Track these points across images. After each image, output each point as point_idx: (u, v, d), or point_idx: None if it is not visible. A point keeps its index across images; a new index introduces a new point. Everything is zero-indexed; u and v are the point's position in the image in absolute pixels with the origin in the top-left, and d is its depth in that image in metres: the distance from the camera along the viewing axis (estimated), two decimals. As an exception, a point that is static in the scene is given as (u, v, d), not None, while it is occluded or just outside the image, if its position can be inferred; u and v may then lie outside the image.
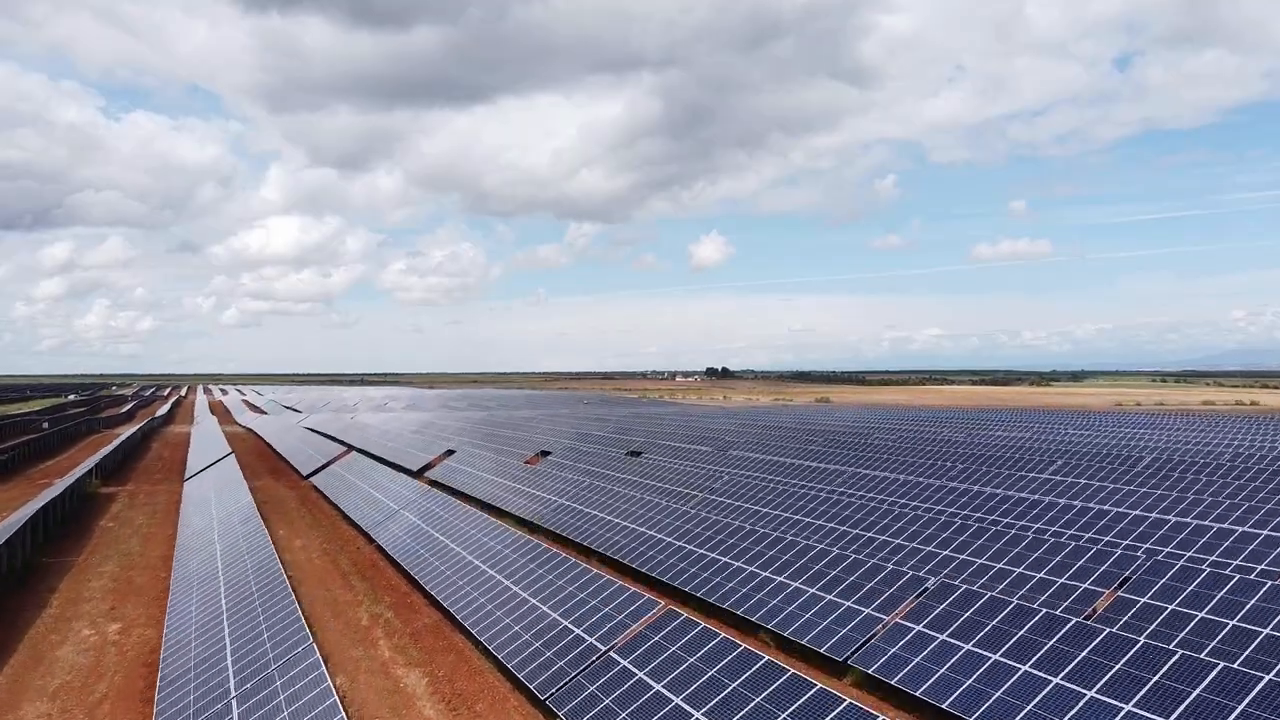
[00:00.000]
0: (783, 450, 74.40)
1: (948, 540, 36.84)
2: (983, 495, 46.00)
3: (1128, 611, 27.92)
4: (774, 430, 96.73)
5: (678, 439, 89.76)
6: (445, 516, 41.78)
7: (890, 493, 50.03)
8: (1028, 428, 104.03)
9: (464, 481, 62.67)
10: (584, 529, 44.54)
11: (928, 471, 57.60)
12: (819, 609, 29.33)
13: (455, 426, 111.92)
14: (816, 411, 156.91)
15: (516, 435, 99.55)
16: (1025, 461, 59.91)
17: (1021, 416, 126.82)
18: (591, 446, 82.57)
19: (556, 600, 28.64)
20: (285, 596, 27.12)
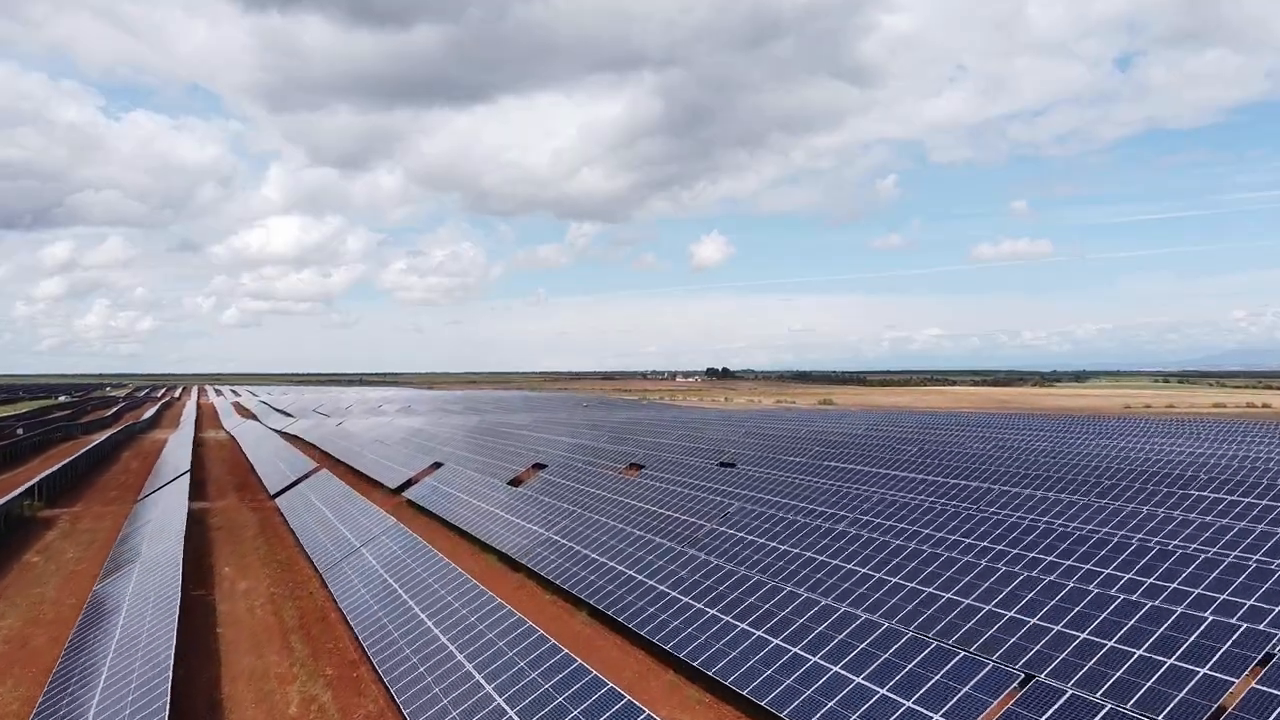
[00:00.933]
0: (798, 467, 67.31)
1: (1039, 607, 29.67)
2: (1085, 537, 38.81)
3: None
4: (783, 442, 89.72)
5: (680, 450, 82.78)
6: (413, 566, 34.69)
7: (936, 524, 42.84)
8: (1051, 436, 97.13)
9: (446, 505, 55.63)
10: (575, 573, 37.49)
11: (968, 496, 50.70)
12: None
13: (445, 434, 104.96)
14: (823, 416, 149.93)
15: (510, 445, 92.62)
16: (1110, 486, 51.26)
17: (1041, 424, 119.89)
18: (588, 459, 75.69)
19: (543, 717, 21.33)
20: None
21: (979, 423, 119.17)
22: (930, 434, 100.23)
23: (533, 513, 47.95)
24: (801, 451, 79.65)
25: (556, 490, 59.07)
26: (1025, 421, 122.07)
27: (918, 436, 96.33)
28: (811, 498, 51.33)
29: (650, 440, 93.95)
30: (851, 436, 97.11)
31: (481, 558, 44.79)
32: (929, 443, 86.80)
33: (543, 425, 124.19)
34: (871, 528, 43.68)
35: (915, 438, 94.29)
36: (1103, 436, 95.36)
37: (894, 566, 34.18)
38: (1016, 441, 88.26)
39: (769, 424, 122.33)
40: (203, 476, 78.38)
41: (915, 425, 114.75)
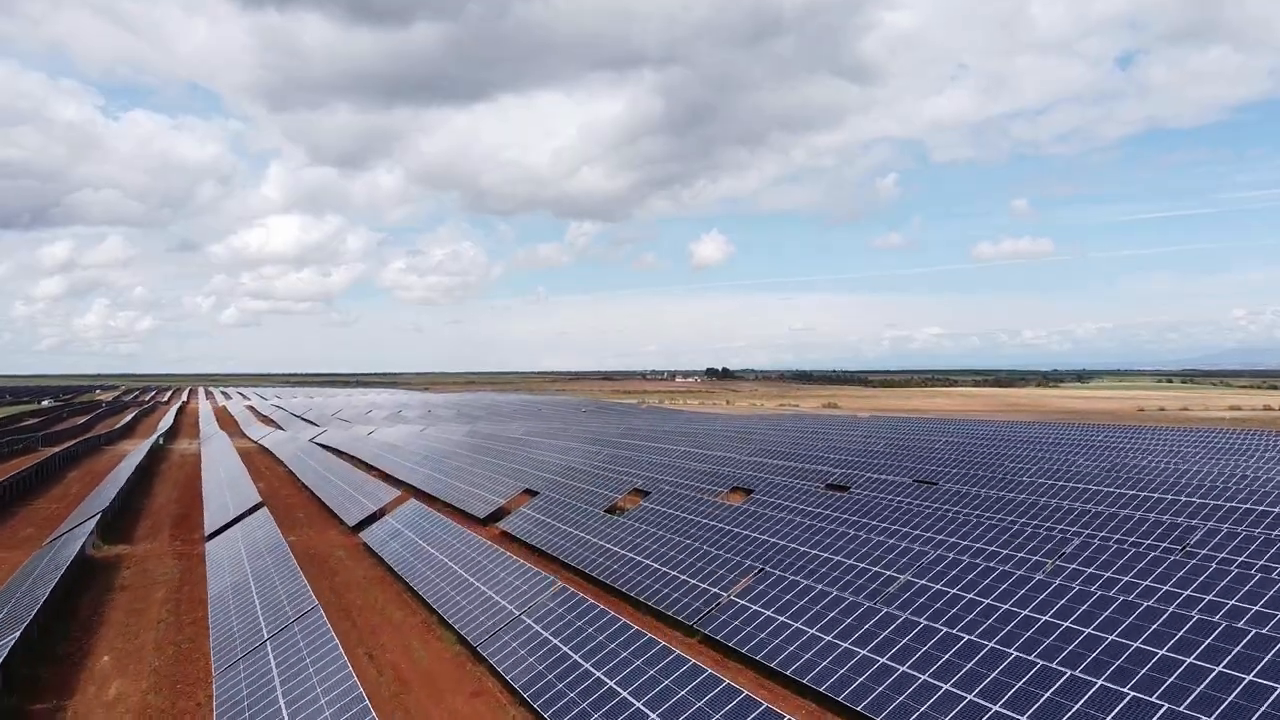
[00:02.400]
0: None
1: None
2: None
3: None
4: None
5: (683, 471, 72.79)
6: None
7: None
8: (1085, 450, 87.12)
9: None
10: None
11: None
12: None
13: (421, 451, 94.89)
14: (833, 423, 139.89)
15: (497, 462, 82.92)
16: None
17: (1072, 434, 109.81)
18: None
19: None
20: None
21: (1041, 437, 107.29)
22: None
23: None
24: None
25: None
26: (1046, 432, 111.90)
27: (1005, 451, 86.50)
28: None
29: (651, 458, 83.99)
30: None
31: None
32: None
33: (537, 436, 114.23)
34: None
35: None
36: (1148, 454, 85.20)
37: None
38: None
39: (777, 436, 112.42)
40: (144, 504, 68.45)
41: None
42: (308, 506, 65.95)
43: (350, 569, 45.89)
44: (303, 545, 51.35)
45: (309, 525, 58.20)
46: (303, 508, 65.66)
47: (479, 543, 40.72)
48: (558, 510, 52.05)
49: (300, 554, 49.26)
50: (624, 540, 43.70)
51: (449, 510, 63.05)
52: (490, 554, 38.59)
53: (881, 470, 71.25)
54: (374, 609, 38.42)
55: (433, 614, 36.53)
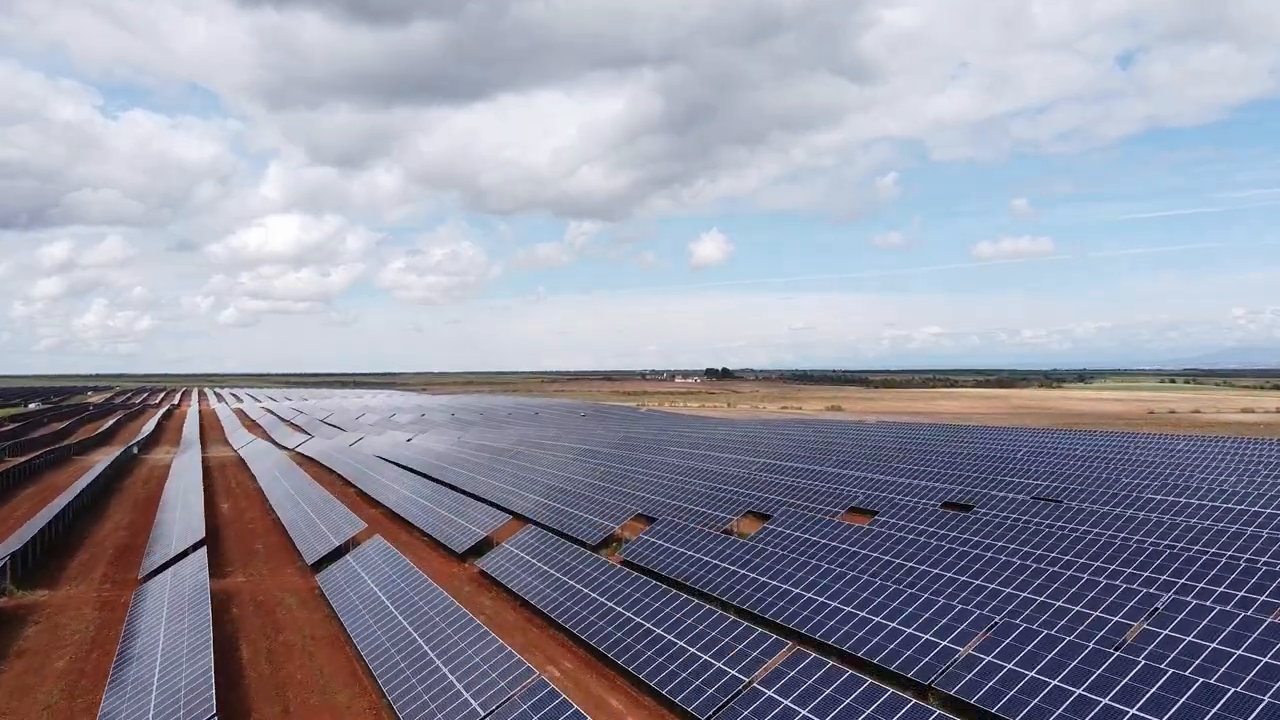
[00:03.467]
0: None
1: None
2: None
3: None
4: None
5: (688, 495, 65.54)
6: None
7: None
8: (1146, 472, 79.72)
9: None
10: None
11: None
12: None
13: (409, 463, 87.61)
14: (846, 431, 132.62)
15: (486, 480, 75.87)
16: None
17: (1110, 446, 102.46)
18: (571, 512, 58.56)
19: None
20: None
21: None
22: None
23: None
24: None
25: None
26: (1083, 442, 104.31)
27: (1096, 463, 79.92)
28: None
29: (651, 475, 76.76)
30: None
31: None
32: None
33: (528, 449, 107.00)
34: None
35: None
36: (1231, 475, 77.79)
37: None
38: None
39: (786, 447, 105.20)
40: (89, 532, 61.22)
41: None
42: (269, 535, 58.69)
43: (299, 623, 38.63)
44: (251, 590, 44.10)
45: (265, 560, 50.96)
46: (263, 537, 58.37)
47: (444, 603, 33.37)
48: (547, 549, 44.81)
49: (246, 601, 42.06)
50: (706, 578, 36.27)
51: (426, 543, 55.82)
52: (456, 620, 31.29)
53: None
54: (314, 685, 31.17)
55: (384, 698, 29.30)
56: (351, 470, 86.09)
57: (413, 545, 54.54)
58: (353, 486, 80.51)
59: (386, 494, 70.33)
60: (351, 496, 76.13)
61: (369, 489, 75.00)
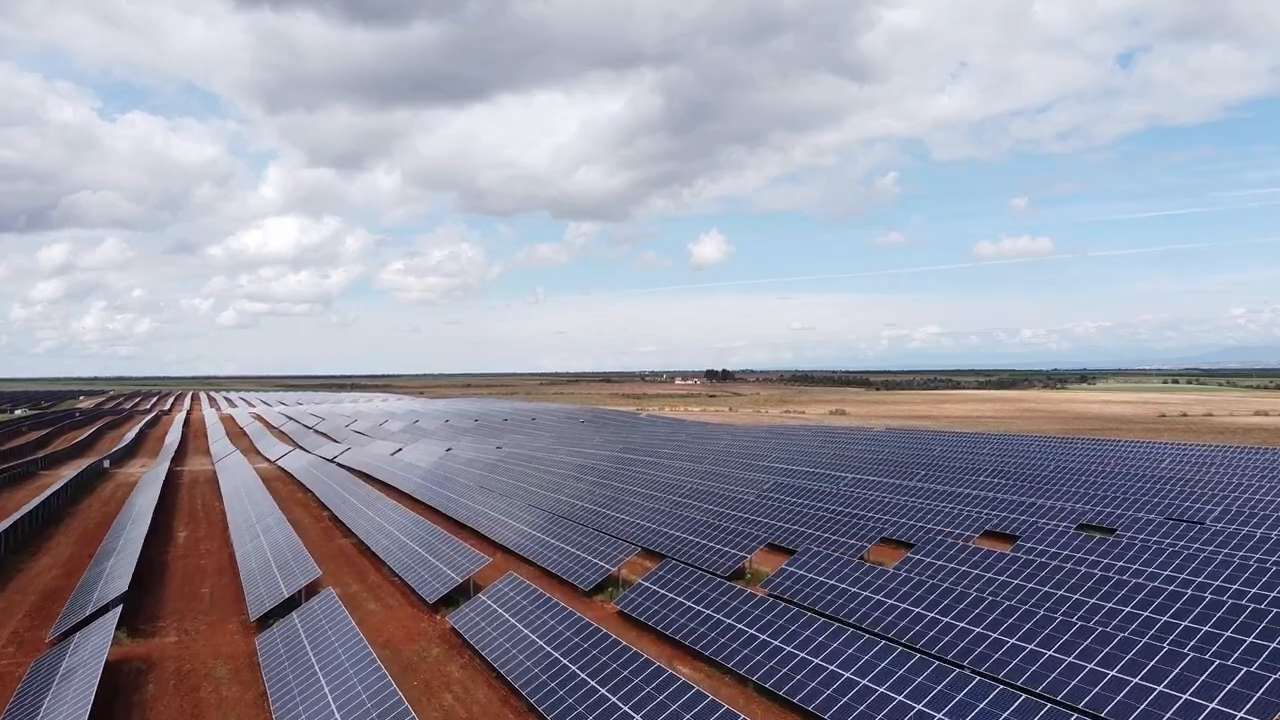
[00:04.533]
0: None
1: None
2: None
3: None
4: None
5: (695, 527, 58.38)
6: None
7: None
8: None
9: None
10: None
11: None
12: None
13: (368, 495, 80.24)
14: (854, 438, 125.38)
15: (469, 502, 68.83)
16: None
17: (1164, 459, 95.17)
18: (563, 547, 51.30)
19: None
20: None
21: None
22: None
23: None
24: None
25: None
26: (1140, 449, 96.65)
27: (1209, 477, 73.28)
28: None
29: (649, 500, 69.65)
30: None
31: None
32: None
33: (518, 464, 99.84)
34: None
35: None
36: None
37: None
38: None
39: (808, 471, 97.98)
40: (18, 569, 54.00)
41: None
42: (221, 576, 51.36)
43: (225, 705, 31.44)
44: (178, 656, 36.78)
45: (208, 612, 43.60)
46: (214, 578, 51.05)
47: (388, 695, 26.15)
48: (529, 605, 37.53)
49: (168, 674, 34.88)
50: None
51: (396, 586, 48.61)
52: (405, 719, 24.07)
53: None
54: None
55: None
56: (327, 491, 78.86)
57: (379, 590, 47.34)
58: (326, 510, 73.34)
59: (359, 521, 63.12)
60: (324, 522, 68.99)
61: (344, 514, 67.76)
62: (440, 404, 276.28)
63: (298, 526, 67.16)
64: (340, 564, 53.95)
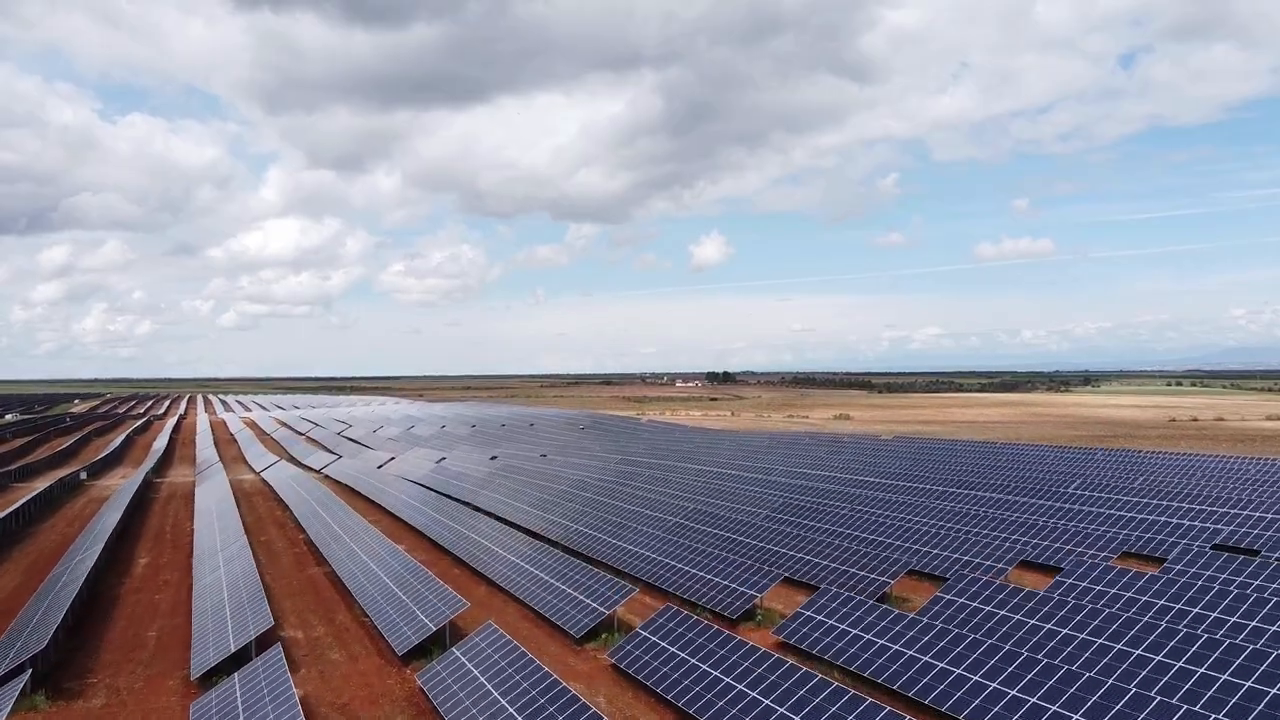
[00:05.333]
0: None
1: None
2: None
3: None
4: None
5: (699, 555, 53.08)
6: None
7: None
8: None
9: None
10: None
11: None
12: None
13: (355, 527, 74.98)
14: (875, 453, 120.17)
15: (450, 524, 63.51)
16: None
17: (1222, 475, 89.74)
18: (552, 583, 46.02)
19: None
20: None
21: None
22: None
23: None
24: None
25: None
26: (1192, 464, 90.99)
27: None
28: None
29: (652, 527, 64.43)
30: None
31: None
32: None
33: (506, 476, 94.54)
34: None
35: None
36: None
37: None
38: None
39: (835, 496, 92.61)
40: None
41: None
42: (173, 615, 45.94)
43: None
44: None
45: (147, 665, 37.94)
46: (165, 618, 45.60)
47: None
48: (505, 664, 32.21)
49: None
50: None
51: (364, 630, 43.27)
52: None
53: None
54: None
55: None
56: (306, 511, 73.53)
57: (345, 635, 41.97)
58: (303, 532, 68.05)
59: (334, 547, 57.81)
60: (300, 547, 63.73)
61: (319, 538, 62.45)
62: (437, 408, 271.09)
63: (270, 551, 61.99)
64: (309, 599, 48.71)
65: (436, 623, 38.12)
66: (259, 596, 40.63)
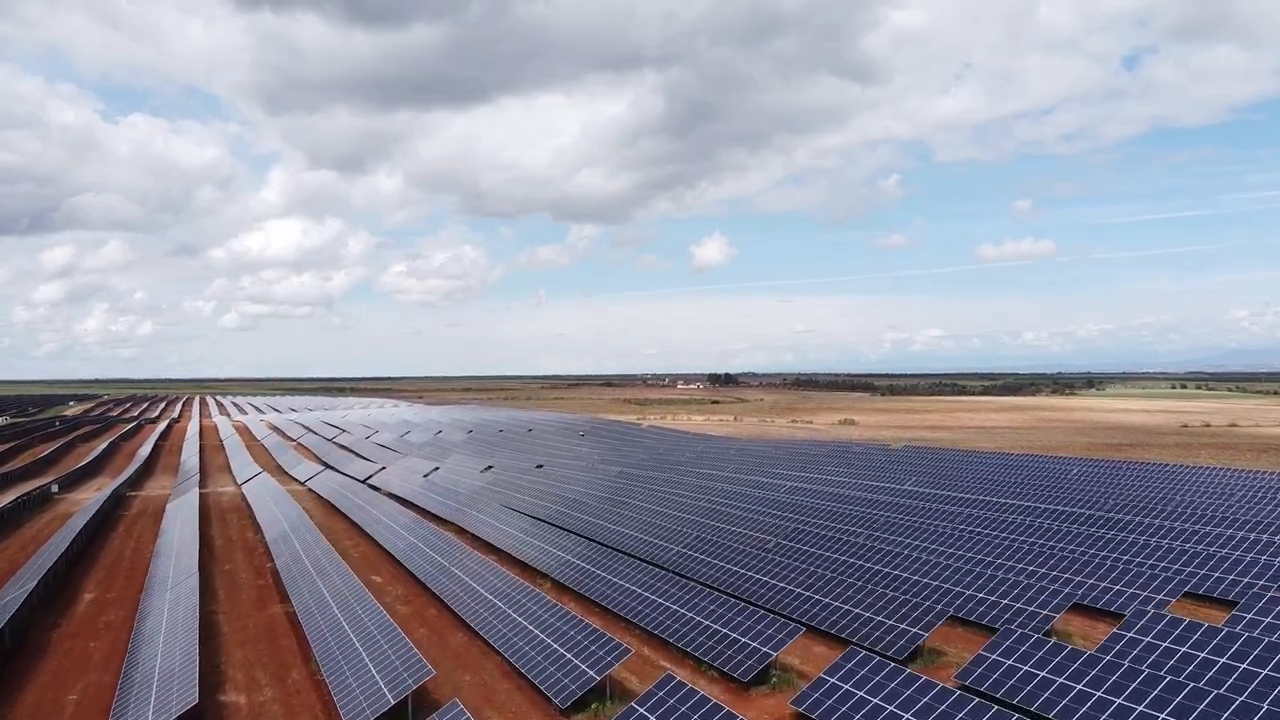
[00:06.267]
0: None
1: None
2: None
3: None
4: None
5: (697, 599, 47.13)
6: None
7: None
8: None
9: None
10: None
11: None
12: None
13: (329, 570, 69.05)
14: (887, 463, 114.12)
15: (428, 555, 57.56)
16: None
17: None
18: (539, 636, 40.12)
19: None
20: None
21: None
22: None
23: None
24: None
25: None
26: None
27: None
28: None
29: (653, 576, 58.48)
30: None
31: None
32: None
33: (488, 494, 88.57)
34: None
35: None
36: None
37: None
38: None
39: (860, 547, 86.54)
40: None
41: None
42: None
43: None
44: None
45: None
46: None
47: None
48: None
49: None
50: None
51: (321, 701, 37.33)
52: None
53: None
54: None
55: None
56: (273, 523, 67.68)
57: (291, 703, 36.02)
58: (271, 561, 62.07)
59: (298, 583, 51.90)
60: (266, 579, 57.83)
61: (288, 571, 56.53)
62: (434, 412, 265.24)
63: (232, 584, 56.08)
64: (263, 648, 42.77)
65: (397, 694, 32.19)
66: (191, 659, 34.61)
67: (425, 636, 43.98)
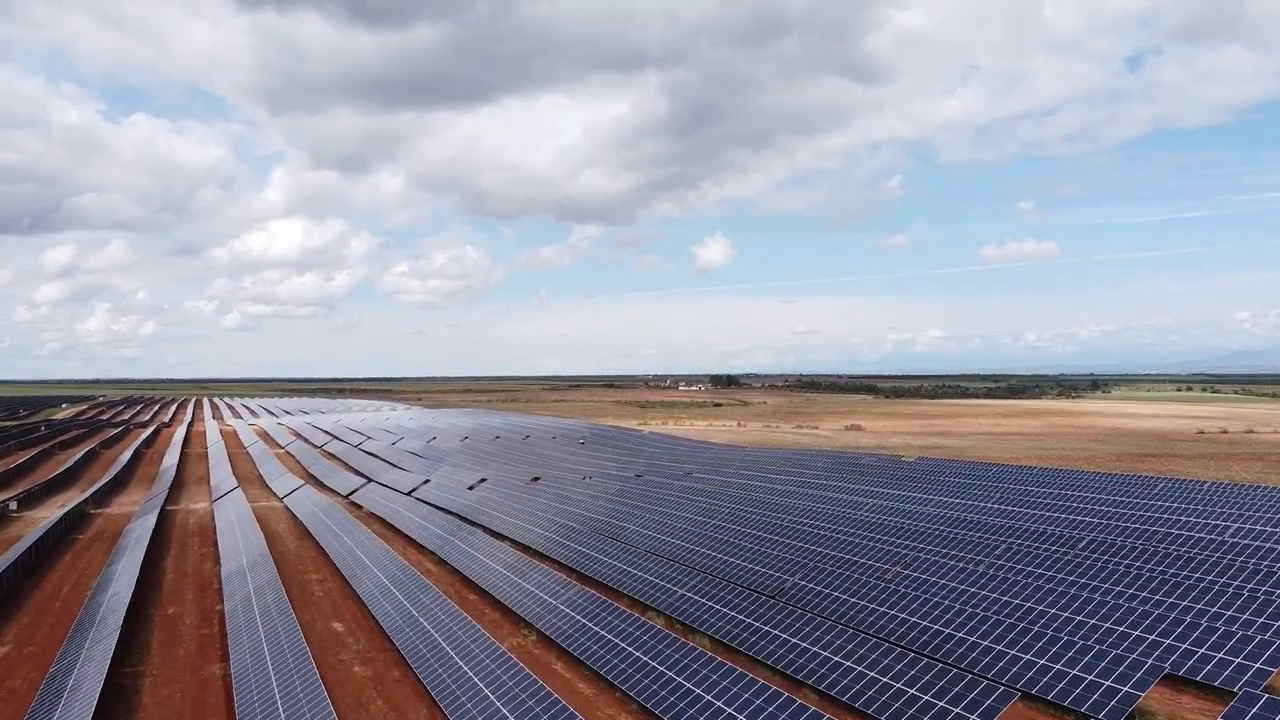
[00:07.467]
0: None
1: None
2: None
3: None
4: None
5: (701, 668, 39.55)
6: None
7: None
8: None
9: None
10: None
11: None
12: None
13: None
14: (903, 480, 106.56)
15: (403, 595, 49.96)
16: None
17: None
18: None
19: None
20: None
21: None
22: None
23: None
24: None
25: None
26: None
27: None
28: None
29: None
30: None
31: None
32: None
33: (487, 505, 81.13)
34: None
35: None
36: None
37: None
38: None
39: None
40: None
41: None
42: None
43: None
44: None
45: None
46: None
47: None
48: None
49: None
50: None
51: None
52: None
53: None
54: None
55: None
56: (232, 554, 60.23)
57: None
58: (222, 603, 54.57)
59: (238, 641, 44.42)
60: (204, 639, 50.29)
61: (234, 635, 49.02)
62: (431, 416, 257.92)
63: (174, 631, 48.41)
64: (196, 718, 35.29)
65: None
66: None
67: (381, 712, 36.47)
